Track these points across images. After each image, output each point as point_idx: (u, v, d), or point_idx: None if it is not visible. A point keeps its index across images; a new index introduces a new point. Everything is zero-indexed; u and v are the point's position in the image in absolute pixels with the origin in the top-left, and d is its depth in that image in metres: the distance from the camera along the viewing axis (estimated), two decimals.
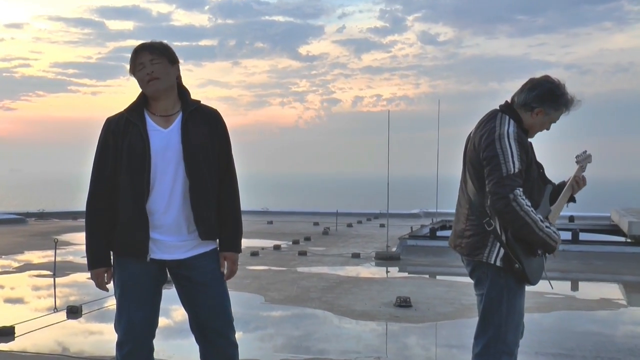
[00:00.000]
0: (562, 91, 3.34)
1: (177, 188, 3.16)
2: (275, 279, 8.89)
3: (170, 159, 3.14)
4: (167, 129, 3.19)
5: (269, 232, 15.48)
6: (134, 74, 3.24)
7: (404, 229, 14.78)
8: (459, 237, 3.45)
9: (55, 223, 17.62)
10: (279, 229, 16.33)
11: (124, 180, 3.16)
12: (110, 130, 3.20)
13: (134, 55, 3.22)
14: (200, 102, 3.30)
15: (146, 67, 3.18)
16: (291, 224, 17.92)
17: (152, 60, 3.18)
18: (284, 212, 22.09)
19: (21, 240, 13.29)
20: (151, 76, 3.17)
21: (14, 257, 10.97)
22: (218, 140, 3.26)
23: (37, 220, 18.23)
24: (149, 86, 3.18)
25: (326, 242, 13.46)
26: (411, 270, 10.22)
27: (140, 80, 3.21)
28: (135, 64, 3.21)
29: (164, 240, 3.18)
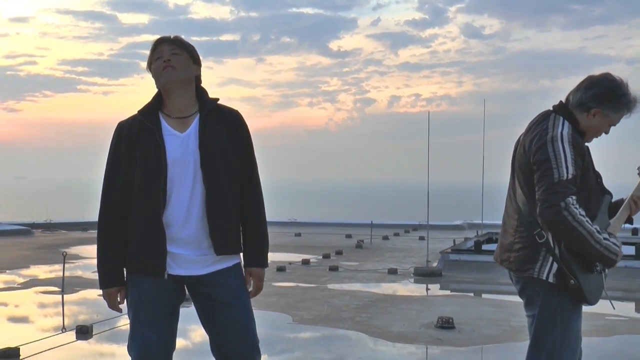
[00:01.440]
0: (624, 91, 3.31)
1: (196, 198, 3.19)
2: (303, 297, 8.90)
3: (188, 167, 3.17)
4: (183, 133, 3.22)
5: (297, 245, 15.50)
6: (150, 67, 3.30)
7: (446, 242, 14.69)
8: (506, 250, 3.43)
9: (63, 235, 17.83)
10: (307, 242, 16.34)
11: (138, 191, 3.20)
12: (122, 137, 3.25)
13: (154, 47, 3.28)
14: (218, 101, 3.33)
15: (164, 56, 3.24)
16: (321, 236, 17.92)
17: (172, 50, 3.25)
18: (313, 223, 22.10)
19: (26, 254, 13.47)
20: (167, 64, 3.22)
21: (18, 271, 11.12)
22: (239, 144, 3.29)
23: (43, 232, 18.46)
24: (162, 74, 3.22)
25: (360, 257, 13.43)
26: (454, 287, 10.16)
27: (155, 71, 3.26)
28: (153, 55, 3.28)
29: (182, 254, 3.21)
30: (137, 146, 3.19)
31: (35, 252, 13.82)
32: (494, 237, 14.79)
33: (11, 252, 13.61)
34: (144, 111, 3.27)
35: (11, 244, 15.24)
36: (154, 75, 3.27)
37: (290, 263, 12.07)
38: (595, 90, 3.31)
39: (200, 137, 3.20)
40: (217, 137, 3.22)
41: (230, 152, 3.25)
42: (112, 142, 3.28)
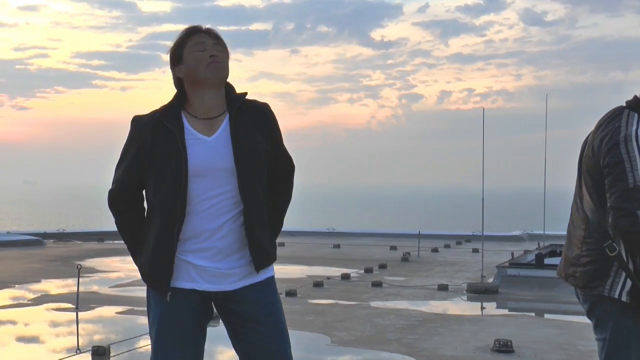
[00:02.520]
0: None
1: (227, 208, 3.20)
2: (343, 316, 8.90)
3: (217, 175, 3.18)
4: (211, 137, 3.22)
5: (336, 258, 15.50)
6: (181, 57, 3.25)
7: (503, 255, 14.58)
8: (572, 265, 3.40)
9: (77, 246, 18.05)
10: (347, 254, 16.33)
11: (154, 200, 3.23)
12: (135, 136, 3.26)
13: (190, 34, 3.26)
14: (246, 96, 3.34)
15: (208, 50, 3.23)
16: (363, 248, 17.92)
17: (215, 44, 3.26)
18: (353, 233, 22.09)
19: (37, 267, 13.64)
20: (214, 59, 3.22)
21: (29, 286, 11.27)
22: (272, 142, 3.31)
23: (56, 242, 18.70)
24: (209, 68, 3.21)
25: (406, 271, 13.40)
26: (512, 306, 10.09)
27: (197, 61, 3.22)
28: (188, 43, 3.24)
29: (209, 267, 3.23)
30: (153, 150, 3.20)
31: (47, 264, 13.99)
32: (557, 250, 14.65)
33: (21, 265, 13.80)
34: (164, 111, 3.26)
35: (21, 255, 15.45)
36: (194, 66, 3.22)
37: (329, 278, 12.08)
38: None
39: (233, 142, 3.20)
40: (250, 139, 3.23)
41: (263, 155, 3.26)
42: (128, 138, 3.30)
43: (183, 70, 3.26)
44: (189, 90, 3.28)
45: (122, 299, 10.01)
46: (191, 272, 3.23)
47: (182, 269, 3.23)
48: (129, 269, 12.96)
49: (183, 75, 3.27)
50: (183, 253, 3.22)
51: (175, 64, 3.29)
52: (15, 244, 17.38)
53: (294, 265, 13.78)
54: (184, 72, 3.26)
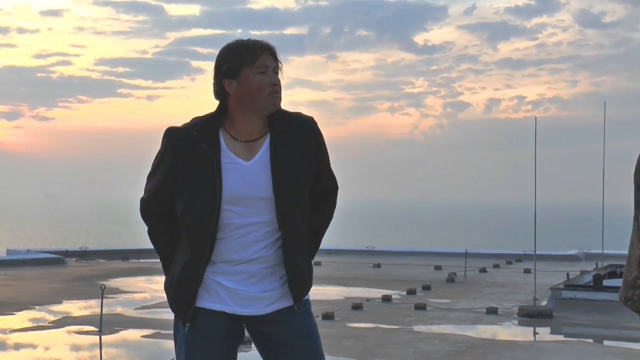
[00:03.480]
0: None
1: (262, 236, 3.21)
2: (384, 340, 8.88)
3: (253, 204, 3.19)
4: (249, 162, 3.20)
5: (376, 279, 15.47)
6: (238, 74, 3.17)
7: (558, 276, 14.45)
8: (630, 287, 3.36)
9: (101, 265, 18.18)
10: (388, 274, 16.29)
11: (184, 220, 3.23)
12: (169, 151, 3.23)
13: (259, 51, 3.18)
14: (292, 115, 3.29)
15: (269, 76, 3.18)
16: (405, 267, 17.86)
17: (276, 68, 3.21)
18: (395, 252, 22.03)
19: (58, 287, 13.75)
20: (275, 90, 3.18)
21: (49, 307, 11.36)
22: (316, 163, 3.29)
23: (78, 261, 18.84)
24: (269, 99, 3.17)
25: (452, 292, 13.33)
26: (568, 332, 9.99)
27: (258, 88, 3.16)
28: (252, 61, 3.17)
29: (241, 290, 3.24)
30: (186, 170, 3.19)
31: (69, 284, 14.10)
32: (617, 271, 14.49)
33: (41, 285, 13.93)
34: (201, 127, 3.22)
35: (41, 275, 15.58)
36: (254, 92, 3.17)
37: (368, 300, 12.05)
38: None
39: (272, 169, 3.18)
40: (291, 164, 3.21)
41: (305, 180, 3.25)
42: (160, 151, 3.29)
43: (236, 88, 3.20)
44: (233, 107, 3.23)
45: (148, 321, 10.06)
46: (221, 294, 3.24)
47: (211, 290, 3.24)
48: (155, 289, 13.04)
49: (234, 92, 3.21)
50: (214, 274, 3.23)
51: (227, 77, 3.21)
52: (35, 262, 17.51)
53: (331, 286, 13.77)
54: (236, 90, 3.20)
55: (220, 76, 3.22)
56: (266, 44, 3.23)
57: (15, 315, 10.60)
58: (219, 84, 3.23)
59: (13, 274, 15.28)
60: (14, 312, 10.81)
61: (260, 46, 3.20)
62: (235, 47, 3.22)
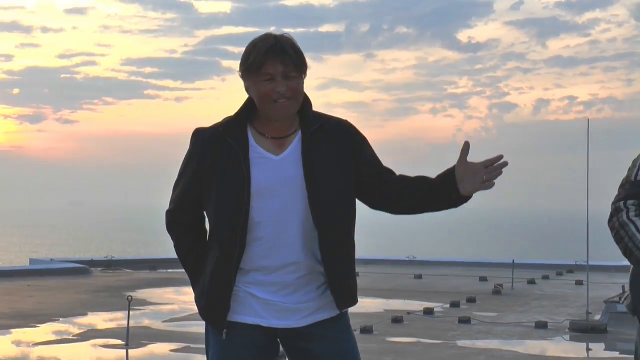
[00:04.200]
0: None
1: (295, 237, 3.20)
2: (426, 356, 8.84)
3: (284, 198, 3.19)
4: (279, 156, 3.22)
5: (417, 290, 15.42)
6: (247, 78, 3.22)
7: (612, 288, 14.31)
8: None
9: (127, 275, 18.28)
10: (430, 286, 16.24)
11: (213, 224, 3.25)
12: (197, 151, 3.27)
13: (260, 57, 3.16)
14: (325, 116, 3.31)
15: (275, 82, 3.16)
16: (448, 278, 17.79)
17: (284, 73, 3.17)
18: (437, 262, 21.95)
19: (83, 298, 13.85)
20: (282, 94, 3.17)
21: (74, 319, 11.44)
22: (361, 156, 3.29)
23: (104, 271, 18.98)
24: (275, 107, 3.17)
25: (498, 305, 13.25)
26: (623, 348, 9.88)
27: (263, 95, 3.17)
28: (257, 69, 3.17)
29: (275, 300, 3.23)
30: (213, 169, 3.21)
31: (94, 295, 14.21)
32: None
33: (65, 296, 14.03)
34: (228, 124, 3.26)
35: (65, 285, 15.70)
36: (259, 99, 3.19)
37: (409, 313, 12.02)
38: None
39: (304, 162, 3.19)
40: (325, 158, 3.21)
41: (344, 178, 3.24)
42: (187, 153, 3.32)
43: (251, 93, 3.24)
44: (260, 109, 3.24)
45: (177, 334, 10.10)
46: (255, 306, 3.24)
47: (244, 302, 3.24)
48: (184, 300, 13.10)
49: (251, 94, 3.25)
50: (246, 284, 3.23)
51: (245, 80, 3.25)
52: (58, 272, 17.65)
53: (370, 298, 13.74)
54: (251, 95, 3.25)
55: (242, 77, 3.27)
56: (274, 46, 3.16)
57: (39, 327, 10.69)
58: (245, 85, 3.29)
59: (36, 285, 15.42)
60: (37, 324, 10.90)
61: (266, 50, 3.16)
62: (248, 48, 3.23)
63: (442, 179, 3.24)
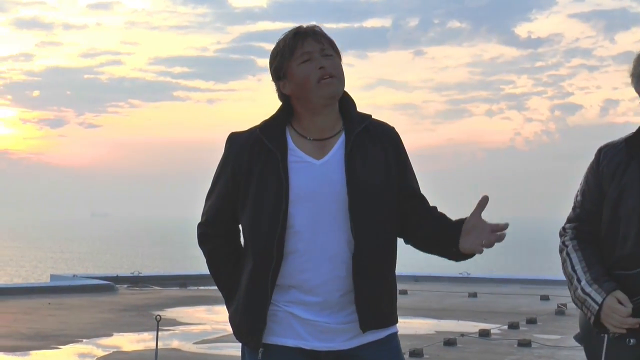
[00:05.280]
0: None
1: (338, 248, 3.20)
2: None
3: (326, 205, 3.19)
4: (320, 160, 3.23)
5: (472, 310, 15.35)
6: (286, 71, 3.24)
7: None
8: None
9: (156, 292, 18.36)
10: (486, 305, 16.16)
11: (248, 232, 3.26)
12: (232, 156, 3.28)
13: (292, 41, 3.23)
14: (371, 117, 3.33)
15: (315, 59, 3.21)
16: (505, 297, 17.68)
17: (322, 50, 3.23)
18: (493, 279, 21.83)
19: (108, 317, 13.93)
20: (326, 72, 3.20)
21: (98, 340, 11.51)
22: (400, 173, 3.29)
23: (130, 288, 19.07)
24: (320, 88, 3.19)
25: (562, 327, 13.14)
26: None
27: (305, 78, 3.20)
28: (291, 53, 3.22)
29: (318, 321, 3.23)
30: (250, 174, 3.22)
31: (120, 315, 14.28)
32: None
33: (89, 315, 14.12)
34: (265, 126, 3.28)
35: (89, 303, 15.80)
36: (302, 83, 3.21)
37: (463, 335, 11.96)
38: None
39: (347, 166, 3.19)
40: (371, 165, 3.22)
41: (389, 187, 3.24)
42: (222, 159, 3.34)
43: (289, 87, 3.26)
44: (298, 107, 3.28)
45: (209, 357, 10.13)
46: (296, 327, 3.23)
47: (284, 323, 3.24)
48: (217, 320, 13.13)
49: (289, 92, 3.27)
50: (286, 303, 3.23)
51: (279, 78, 3.28)
52: (82, 289, 17.76)
53: (419, 319, 13.71)
54: (290, 89, 3.26)
55: (275, 80, 3.31)
56: (300, 28, 3.27)
57: (61, 349, 10.78)
58: (277, 89, 3.31)
59: (57, 303, 15.52)
60: (59, 345, 10.99)
61: (294, 33, 3.25)
62: (277, 43, 3.29)
63: (449, 227, 3.25)
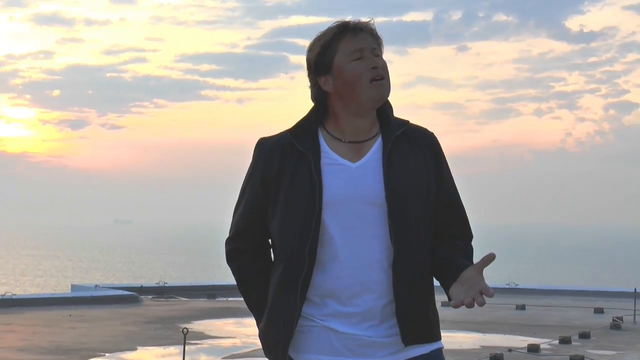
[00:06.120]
0: None
1: (377, 255, 3.19)
2: None
3: (361, 212, 3.18)
4: (356, 163, 3.22)
5: (520, 324, 15.32)
6: (330, 65, 3.22)
7: None
8: None
9: (182, 303, 18.44)
10: (535, 318, 16.11)
11: (278, 240, 3.26)
12: (262, 160, 3.28)
13: (347, 33, 3.22)
14: (409, 122, 3.32)
15: (367, 58, 3.20)
16: (556, 309, 17.63)
17: (374, 50, 3.23)
18: (542, 290, 21.77)
19: (132, 330, 14.01)
20: (378, 73, 3.20)
21: (121, 355, 11.60)
22: (439, 179, 3.29)
23: (155, 299, 19.16)
24: (373, 87, 3.19)
25: (617, 342, 13.09)
26: None
27: (355, 76, 3.19)
28: (340, 47, 3.22)
29: (358, 334, 3.21)
30: (280, 179, 3.22)
31: (144, 327, 14.36)
32: None
33: (111, 328, 14.20)
34: (295, 129, 3.28)
35: (111, 315, 15.90)
36: (352, 81, 3.20)
37: (511, 350, 11.93)
38: None
39: (386, 170, 3.19)
40: (410, 170, 3.22)
41: (427, 194, 3.24)
42: (250, 165, 3.34)
43: (332, 83, 3.24)
44: (336, 107, 3.27)
45: None
46: (334, 342, 3.21)
47: (321, 338, 3.22)
48: (247, 334, 13.17)
49: (332, 89, 3.25)
50: (323, 317, 3.22)
51: (321, 73, 3.26)
52: (104, 300, 17.87)
53: (463, 332, 13.70)
54: (333, 86, 3.24)
55: (313, 74, 3.27)
56: (359, 22, 3.25)
57: None
58: (315, 84, 3.28)
59: (79, 315, 15.65)
60: None
61: (346, 25, 3.24)
62: (322, 35, 3.27)
63: (454, 268, 3.22)
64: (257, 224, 3.30)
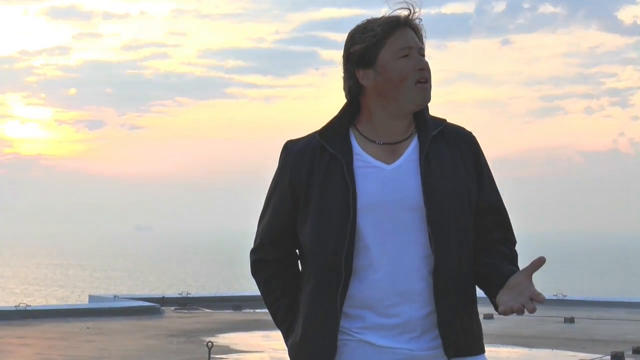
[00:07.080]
0: None
1: (415, 263, 3.19)
2: None
3: (398, 217, 3.18)
4: (391, 165, 3.22)
5: (569, 337, 15.26)
6: (375, 59, 3.20)
7: None
8: None
9: (206, 315, 18.47)
10: (585, 332, 16.04)
11: (309, 249, 3.25)
12: (289, 165, 3.27)
13: (396, 28, 3.20)
14: (446, 121, 3.32)
15: (414, 58, 3.20)
16: (608, 323, 17.55)
17: (421, 50, 3.23)
18: (594, 301, 21.67)
19: (153, 343, 14.06)
20: (424, 74, 3.20)
21: None
22: (479, 182, 3.29)
23: (177, 310, 19.21)
24: (418, 89, 3.19)
25: None
26: None
27: (401, 75, 3.18)
28: (388, 42, 3.20)
29: (400, 348, 3.20)
30: (310, 184, 3.21)
31: (166, 341, 14.39)
32: None
33: (132, 341, 14.26)
34: (325, 130, 3.27)
35: (132, 328, 15.94)
36: (396, 80, 3.19)
37: None
38: None
39: (423, 172, 3.18)
40: (449, 172, 3.21)
41: (467, 197, 3.24)
42: (277, 169, 3.34)
43: (374, 78, 3.22)
44: (372, 104, 3.26)
45: None
46: (372, 357, 3.20)
47: (357, 353, 3.21)
48: (275, 347, 13.18)
49: (372, 84, 3.23)
50: (359, 330, 3.21)
51: (362, 66, 3.23)
52: (124, 312, 17.91)
53: (508, 347, 13.67)
54: (375, 81, 3.23)
55: (352, 66, 3.25)
56: (411, 18, 3.23)
57: None
58: (351, 77, 3.26)
59: (97, 327, 15.71)
60: None
61: (404, 21, 3.22)
62: (367, 26, 3.24)
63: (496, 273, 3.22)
64: (285, 233, 3.30)
